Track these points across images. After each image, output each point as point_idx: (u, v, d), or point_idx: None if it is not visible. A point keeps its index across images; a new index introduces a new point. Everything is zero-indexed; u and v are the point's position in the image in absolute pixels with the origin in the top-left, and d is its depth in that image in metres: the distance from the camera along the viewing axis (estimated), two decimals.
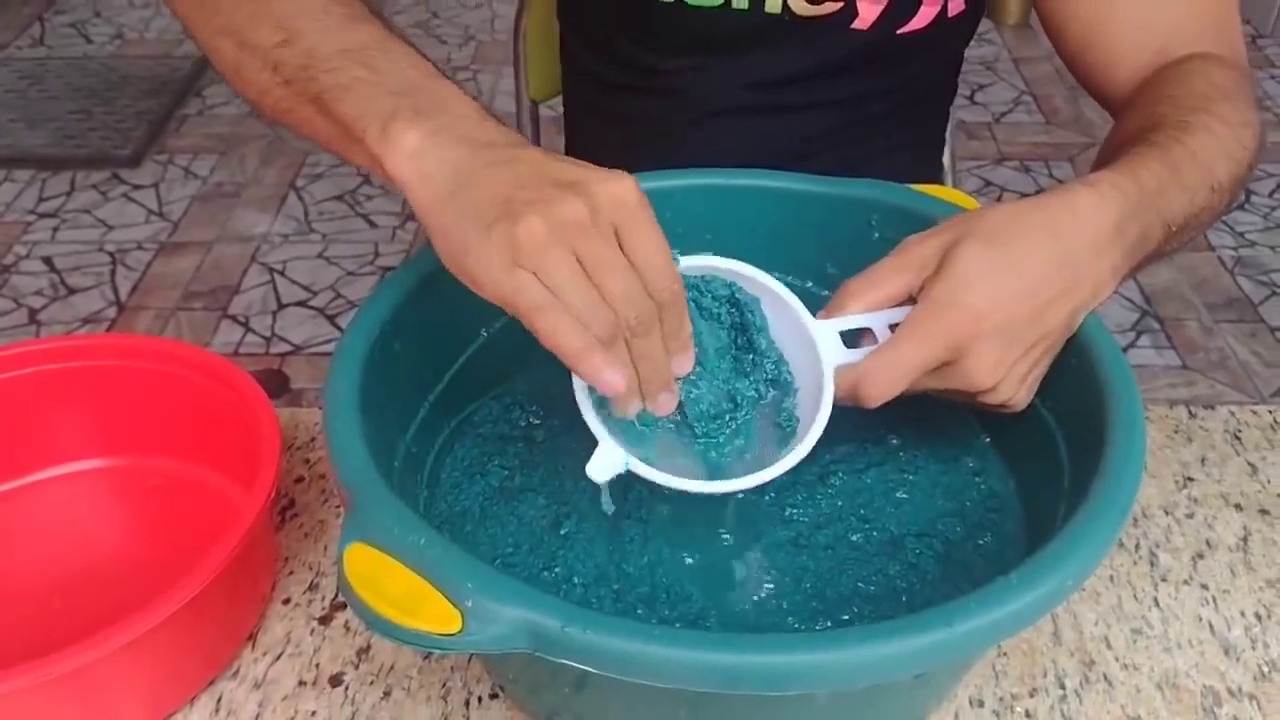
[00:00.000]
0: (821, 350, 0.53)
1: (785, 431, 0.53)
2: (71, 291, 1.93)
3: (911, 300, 0.53)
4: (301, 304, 1.91)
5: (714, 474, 0.52)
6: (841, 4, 0.75)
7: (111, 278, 1.96)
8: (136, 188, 2.20)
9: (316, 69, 0.52)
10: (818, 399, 0.52)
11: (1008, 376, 0.52)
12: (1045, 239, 0.51)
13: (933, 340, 0.51)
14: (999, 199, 2.12)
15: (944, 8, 0.77)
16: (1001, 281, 0.50)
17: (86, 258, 2.01)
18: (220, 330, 1.84)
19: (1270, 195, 2.15)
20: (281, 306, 1.90)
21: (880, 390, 0.51)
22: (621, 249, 0.46)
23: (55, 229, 2.08)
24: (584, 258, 0.45)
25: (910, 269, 0.53)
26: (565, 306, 0.45)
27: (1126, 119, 0.65)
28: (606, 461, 0.50)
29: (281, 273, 1.97)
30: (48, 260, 2.00)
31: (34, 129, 2.34)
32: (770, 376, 0.54)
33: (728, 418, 0.53)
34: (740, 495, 0.56)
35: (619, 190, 0.46)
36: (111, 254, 2.02)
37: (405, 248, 2.03)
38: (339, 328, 1.85)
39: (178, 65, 2.59)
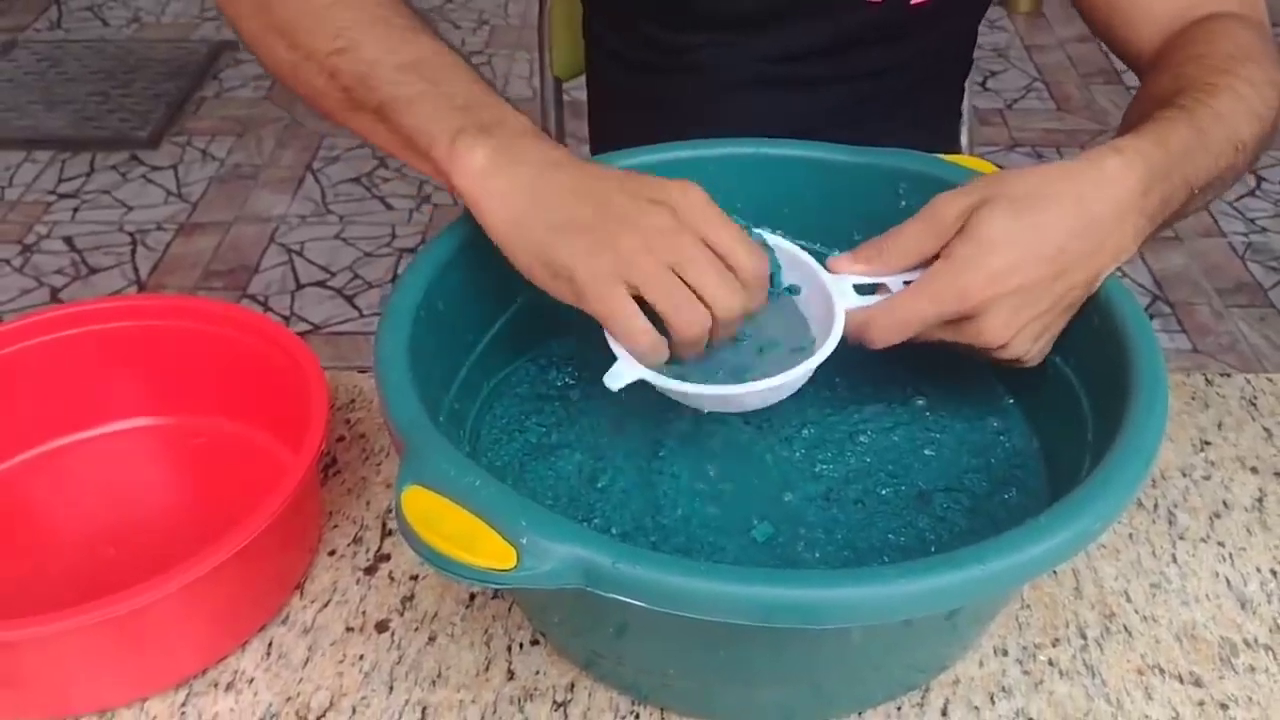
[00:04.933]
0: (835, 295, 0.55)
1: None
2: (92, 271, 1.95)
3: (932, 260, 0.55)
4: (320, 284, 1.93)
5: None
6: None
7: (132, 257, 1.98)
8: (155, 169, 2.22)
9: (378, 80, 0.54)
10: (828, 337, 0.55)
11: (1020, 335, 0.53)
12: (1071, 206, 0.53)
13: (945, 299, 0.52)
14: None
15: None
16: (1024, 246, 0.52)
17: (107, 238, 2.03)
18: None
19: None
20: (300, 287, 1.92)
21: (883, 335, 0.54)
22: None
23: (75, 209, 2.11)
24: (680, 264, 0.50)
25: (934, 234, 0.54)
26: (669, 312, 0.50)
27: (1153, 80, 0.67)
28: (621, 370, 0.52)
29: (300, 253, 1.99)
30: (68, 240, 2.03)
31: (53, 111, 2.36)
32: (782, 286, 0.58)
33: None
34: (756, 411, 0.59)
35: (695, 197, 0.51)
36: (131, 234, 2.04)
37: (422, 229, 2.05)
38: (357, 308, 1.87)
39: (194, 48, 2.61)
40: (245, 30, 0.61)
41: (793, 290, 0.58)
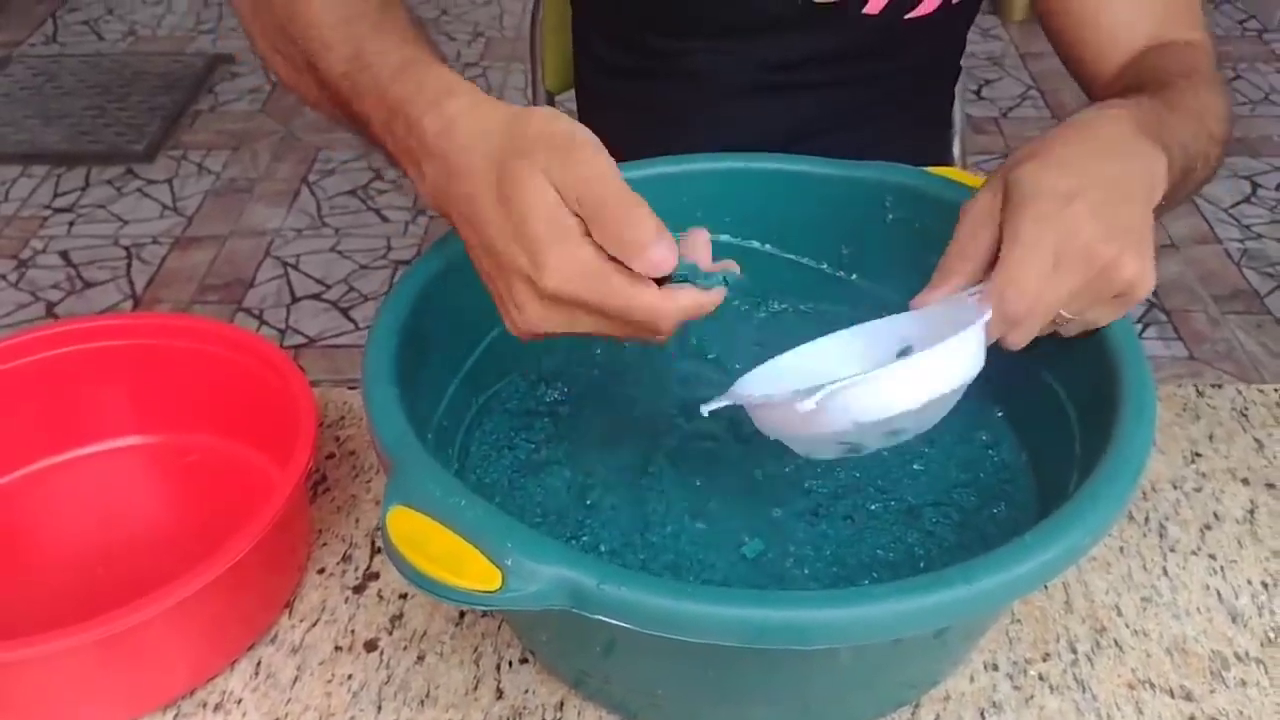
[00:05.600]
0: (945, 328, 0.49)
1: None
2: (88, 285, 1.95)
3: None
4: (315, 297, 1.92)
5: None
6: None
7: (127, 271, 1.98)
8: (151, 183, 2.22)
9: (336, 98, 0.54)
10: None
11: (1122, 241, 0.49)
12: (1081, 141, 0.52)
13: (1036, 237, 0.48)
14: None
15: None
16: (1064, 171, 0.50)
17: (102, 252, 2.03)
18: (235, 323, 1.84)
19: (1277, 188, 2.16)
20: (295, 300, 1.92)
21: (1026, 304, 0.48)
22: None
23: (71, 223, 2.11)
24: (584, 333, 0.47)
25: (983, 223, 0.51)
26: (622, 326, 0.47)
27: (1115, 87, 0.69)
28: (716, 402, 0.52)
29: (295, 266, 1.99)
30: (64, 254, 2.03)
31: (49, 125, 2.36)
32: None
33: None
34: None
35: (559, 289, 0.45)
36: (127, 248, 2.04)
37: (417, 241, 2.05)
38: (353, 320, 1.87)
39: (190, 62, 2.61)
40: (262, 54, 0.62)
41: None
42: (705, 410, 0.52)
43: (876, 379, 0.46)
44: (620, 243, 0.44)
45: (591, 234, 0.44)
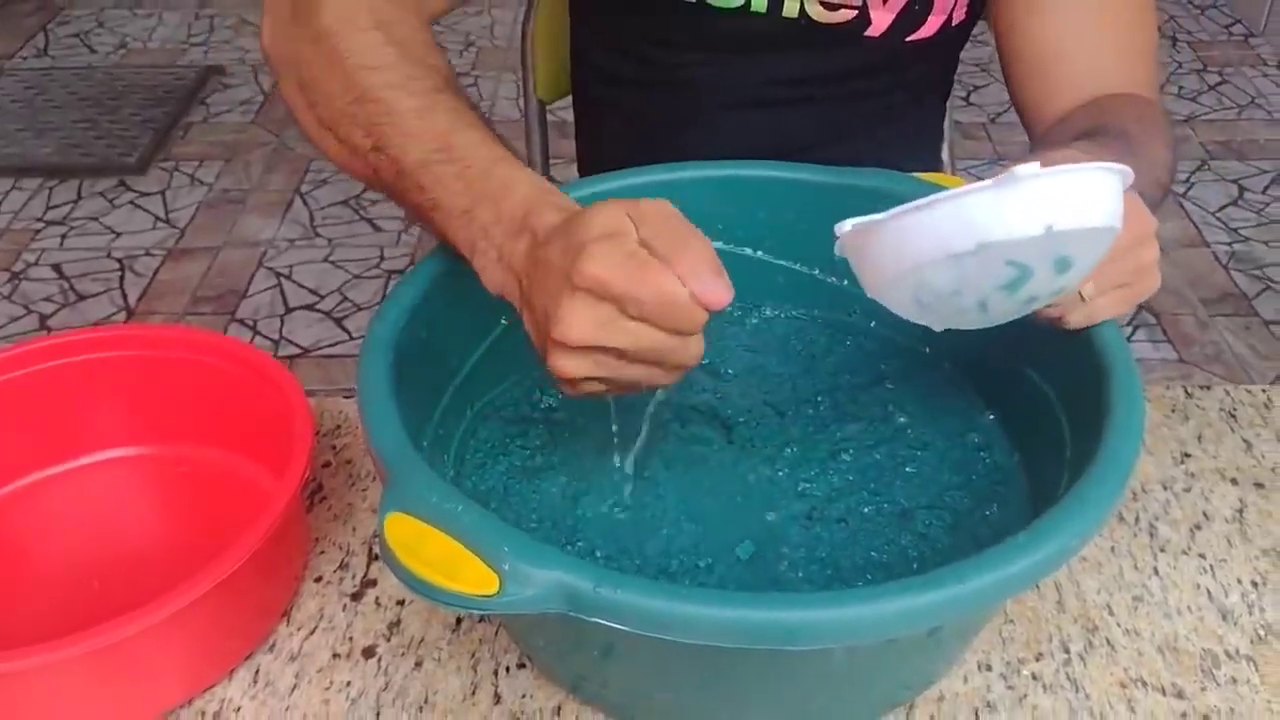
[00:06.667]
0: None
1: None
2: (81, 297, 1.95)
3: None
4: (309, 307, 1.93)
5: None
6: (856, 12, 0.78)
7: (120, 283, 1.98)
8: (143, 195, 2.22)
9: (408, 183, 0.55)
10: None
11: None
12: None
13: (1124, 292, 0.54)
14: None
15: (949, 17, 0.80)
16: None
17: (95, 264, 2.03)
18: (229, 334, 1.86)
19: (1264, 191, 2.18)
20: (289, 310, 1.92)
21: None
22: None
23: (63, 236, 2.10)
24: (615, 348, 0.46)
25: None
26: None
27: (1062, 128, 0.70)
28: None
29: (288, 277, 1.99)
30: (56, 267, 2.02)
31: (40, 138, 2.36)
32: None
33: None
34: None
35: (610, 256, 0.45)
36: (120, 260, 2.04)
37: (410, 251, 2.05)
38: (347, 330, 1.87)
39: (181, 74, 2.61)
40: (305, 128, 0.62)
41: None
42: (839, 231, 0.47)
43: (1006, 186, 0.41)
44: (690, 270, 0.45)
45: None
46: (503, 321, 0.64)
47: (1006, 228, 0.42)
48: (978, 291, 0.46)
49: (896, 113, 0.89)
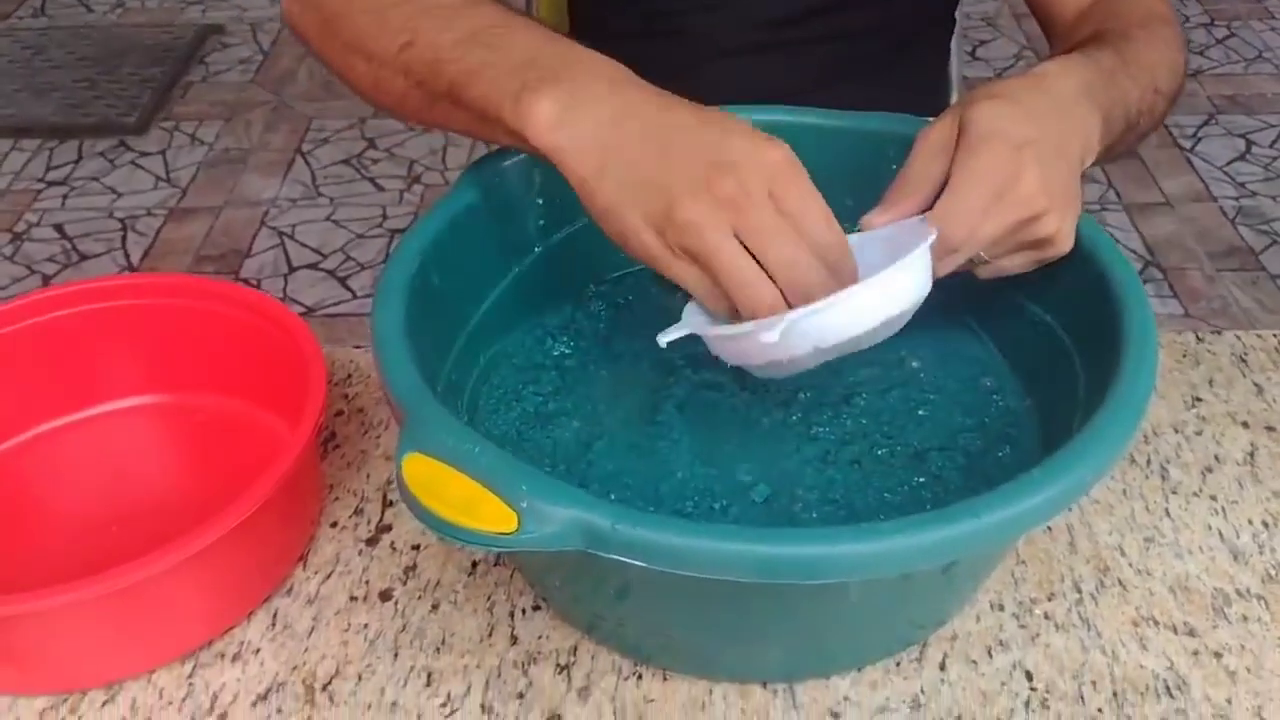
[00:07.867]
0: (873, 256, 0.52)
1: None
2: (83, 258, 1.95)
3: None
4: (312, 266, 1.92)
5: None
6: None
7: (123, 243, 1.98)
8: (144, 155, 2.21)
9: (443, 62, 0.54)
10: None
11: (1054, 199, 0.52)
12: (1038, 93, 0.55)
13: (984, 173, 0.52)
14: None
15: None
16: (1019, 118, 0.53)
17: (97, 224, 2.03)
18: None
19: (1271, 146, 2.16)
20: (292, 269, 1.92)
21: (964, 232, 0.52)
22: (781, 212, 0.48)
23: (65, 196, 2.10)
24: (744, 233, 0.47)
25: (935, 155, 0.54)
26: (732, 290, 0.48)
27: (1072, 35, 0.70)
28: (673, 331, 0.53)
29: (291, 236, 1.99)
30: (59, 227, 2.02)
31: (39, 98, 2.35)
32: None
33: None
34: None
35: (771, 158, 0.48)
36: (122, 220, 2.03)
37: (413, 209, 2.05)
38: (350, 289, 1.87)
39: (180, 33, 2.59)
40: (328, 57, 0.61)
41: None
42: (663, 341, 0.53)
43: (836, 305, 0.48)
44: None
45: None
46: (514, 269, 0.64)
47: (787, 350, 0.49)
48: (807, 364, 0.51)
49: (893, 57, 0.89)
